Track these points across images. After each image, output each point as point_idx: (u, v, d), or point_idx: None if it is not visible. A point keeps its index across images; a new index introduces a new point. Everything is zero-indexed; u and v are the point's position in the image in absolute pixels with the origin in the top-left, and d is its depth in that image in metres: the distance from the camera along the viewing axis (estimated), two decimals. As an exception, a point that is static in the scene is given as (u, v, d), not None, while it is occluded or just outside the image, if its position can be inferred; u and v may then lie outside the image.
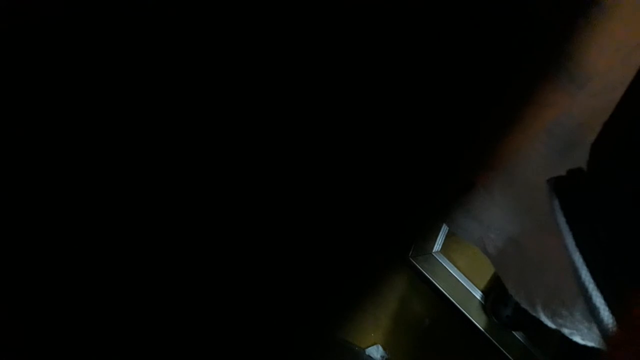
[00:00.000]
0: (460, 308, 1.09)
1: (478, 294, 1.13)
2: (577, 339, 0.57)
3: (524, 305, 0.66)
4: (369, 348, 1.15)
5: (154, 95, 0.54)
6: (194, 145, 0.60)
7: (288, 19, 0.58)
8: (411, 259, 1.10)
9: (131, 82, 0.52)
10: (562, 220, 0.55)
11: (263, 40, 0.58)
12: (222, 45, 0.56)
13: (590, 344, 0.56)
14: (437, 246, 1.16)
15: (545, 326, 0.69)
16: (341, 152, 0.75)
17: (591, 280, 0.50)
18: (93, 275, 0.56)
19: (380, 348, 1.16)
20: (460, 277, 1.15)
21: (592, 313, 0.48)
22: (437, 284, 1.10)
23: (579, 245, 0.53)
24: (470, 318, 1.08)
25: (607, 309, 0.47)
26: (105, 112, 0.51)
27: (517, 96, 0.64)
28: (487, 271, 1.14)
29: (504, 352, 1.05)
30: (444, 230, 1.14)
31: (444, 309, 1.11)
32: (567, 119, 0.60)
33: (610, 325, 0.45)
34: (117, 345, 0.59)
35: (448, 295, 1.10)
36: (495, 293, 1.10)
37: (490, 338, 1.07)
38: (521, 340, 1.08)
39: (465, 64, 0.68)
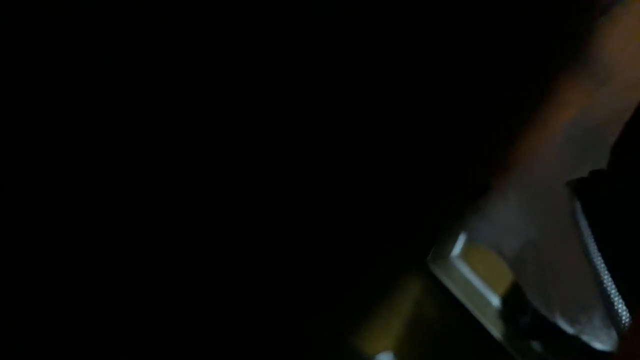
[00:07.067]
0: (477, 315, 1.06)
1: (496, 301, 1.11)
2: (597, 344, 0.55)
3: (542, 310, 0.64)
4: (379, 355, 1.12)
5: (153, 94, 0.54)
6: (198, 145, 0.60)
7: (289, 19, 0.57)
8: (428, 262, 1.08)
9: (130, 82, 0.52)
10: (583, 223, 0.54)
11: (264, 40, 0.58)
12: (223, 45, 0.56)
13: (610, 349, 0.54)
14: (456, 250, 1.14)
15: (564, 335, 0.67)
16: (356, 152, 0.74)
17: (612, 284, 0.48)
18: (93, 275, 0.56)
19: (391, 355, 1.14)
20: (478, 283, 1.12)
21: (613, 317, 0.47)
22: (453, 290, 1.08)
23: (600, 248, 0.51)
24: (487, 326, 1.05)
25: (628, 313, 0.46)
26: (105, 112, 0.52)
27: (533, 95, 0.62)
28: (508, 277, 1.10)
29: (521, 361, 1.02)
30: (464, 233, 1.12)
31: (460, 316, 1.08)
32: (586, 118, 0.59)
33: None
34: (117, 345, 0.59)
35: (464, 302, 1.07)
36: (513, 300, 1.07)
37: (507, 347, 1.04)
38: (538, 350, 1.05)
39: (481, 63, 0.67)
